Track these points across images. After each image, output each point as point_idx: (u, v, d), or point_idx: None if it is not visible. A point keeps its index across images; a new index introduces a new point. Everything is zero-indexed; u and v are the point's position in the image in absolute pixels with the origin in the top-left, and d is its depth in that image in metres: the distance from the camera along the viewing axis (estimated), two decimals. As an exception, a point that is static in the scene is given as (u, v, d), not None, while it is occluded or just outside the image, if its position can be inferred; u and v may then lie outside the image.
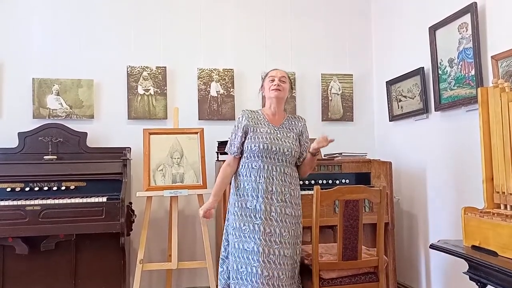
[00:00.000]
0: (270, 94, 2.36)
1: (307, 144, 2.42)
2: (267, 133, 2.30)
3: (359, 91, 3.89)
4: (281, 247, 2.19)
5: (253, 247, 2.17)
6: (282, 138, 2.31)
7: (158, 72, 3.51)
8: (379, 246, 2.37)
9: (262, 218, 2.19)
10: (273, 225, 2.20)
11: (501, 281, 1.65)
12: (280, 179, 2.25)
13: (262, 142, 2.25)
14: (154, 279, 3.42)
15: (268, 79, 2.39)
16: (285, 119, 2.43)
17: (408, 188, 3.38)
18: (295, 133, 2.38)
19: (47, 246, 2.85)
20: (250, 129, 2.31)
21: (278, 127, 2.36)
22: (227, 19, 3.70)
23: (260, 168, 2.25)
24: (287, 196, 2.26)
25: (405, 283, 3.37)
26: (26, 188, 2.86)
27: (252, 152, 2.26)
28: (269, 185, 2.23)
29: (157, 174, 3.01)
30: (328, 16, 3.88)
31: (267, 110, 2.42)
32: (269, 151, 2.25)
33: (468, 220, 1.86)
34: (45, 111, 3.32)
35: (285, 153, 2.27)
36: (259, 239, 2.17)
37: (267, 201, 2.21)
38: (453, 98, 2.79)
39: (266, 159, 2.25)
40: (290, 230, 2.24)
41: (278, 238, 2.19)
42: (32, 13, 3.39)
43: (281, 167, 2.27)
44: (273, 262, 2.16)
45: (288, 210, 2.25)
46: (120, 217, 2.75)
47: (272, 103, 2.38)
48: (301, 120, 2.46)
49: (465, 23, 2.64)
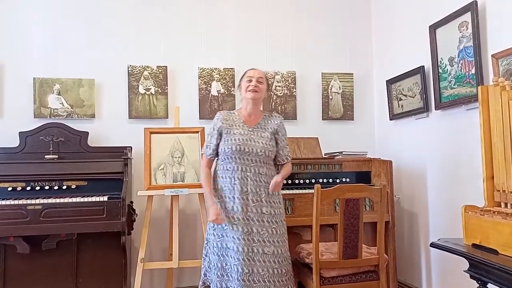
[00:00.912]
0: (247, 95, 2.37)
1: (285, 142, 2.45)
2: (240, 134, 2.33)
3: (359, 90, 3.90)
4: (260, 245, 2.24)
5: (233, 246, 2.24)
6: (255, 138, 2.33)
7: (159, 72, 3.51)
8: (379, 244, 2.38)
9: (240, 218, 2.26)
10: (250, 224, 2.26)
11: (502, 279, 1.65)
12: (254, 180, 2.28)
13: (234, 144, 2.28)
14: (155, 278, 3.42)
15: (246, 79, 2.39)
16: (261, 118, 2.43)
17: (408, 186, 3.38)
18: (270, 132, 2.39)
19: (48, 245, 2.85)
20: (224, 131, 2.34)
21: (253, 128, 2.38)
22: (227, 19, 3.71)
23: (234, 169, 2.29)
24: (263, 196, 2.29)
25: (405, 281, 3.38)
26: (27, 187, 2.86)
27: (226, 154, 2.30)
28: (243, 186, 2.27)
29: (158, 173, 3.02)
30: (329, 15, 3.89)
31: (243, 111, 2.44)
32: (242, 152, 2.28)
33: (469, 218, 1.87)
34: (46, 110, 3.32)
35: (258, 154, 2.29)
36: (239, 239, 2.24)
37: (243, 202, 2.27)
38: (453, 97, 2.79)
39: (240, 160, 2.29)
40: (269, 229, 2.28)
41: (256, 236, 2.25)
42: (33, 13, 3.39)
43: (255, 167, 2.30)
44: (252, 260, 2.23)
45: (265, 209, 2.29)
46: (121, 216, 2.75)
47: (248, 103, 2.40)
48: (277, 118, 2.47)
49: (466, 22, 2.64)
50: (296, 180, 3.08)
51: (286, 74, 3.73)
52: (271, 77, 3.70)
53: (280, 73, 3.72)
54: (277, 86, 3.71)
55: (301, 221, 2.86)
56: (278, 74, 3.72)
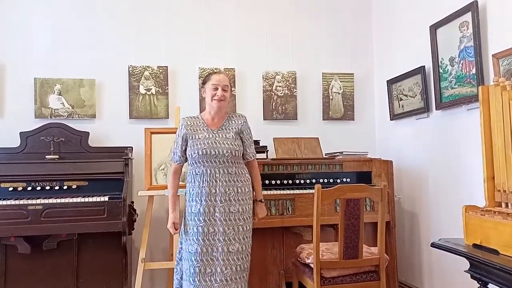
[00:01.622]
0: (213, 104, 2.40)
1: (250, 140, 2.50)
2: (205, 138, 2.37)
3: (360, 90, 3.90)
4: (225, 244, 2.29)
5: (196, 248, 2.28)
6: (220, 140, 2.37)
7: (160, 72, 3.52)
8: (380, 244, 2.38)
9: (205, 219, 2.30)
10: (216, 225, 2.30)
11: (503, 280, 1.65)
12: (224, 180, 2.33)
13: (200, 148, 2.33)
14: (156, 278, 3.42)
15: (211, 86, 2.40)
16: (225, 120, 2.47)
17: (409, 186, 3.38)
18: (234, 132, 2.43)
19: (49, 245, 2.86)
20: (190, 137, 2.39)
21: (217, 130, 2.42)
22: (228, 19, 3.71)
23: (203, 173, 2.33)
24: (232, 195, 2.33)
25: (406, 281, 3.37)
26: (28, 187, 2.87)
27: (193, 159, 2.35)
28: (212, 188, 2.31)
29: (159, 173, 3.02)
30: (329, 15, 3.89)
31: (207, 115, 2.47)
32: (209, 156, 2.32)
33: (469, 218, 1.87)
34: (47, 110, 3.32)
35: (225, 155, 2.33)
36: (202, 240, 2.28)
37: (210, 203, 2.31)
38: (454, 97, 2.79)
39: (208, 163, 2.33)
40: (235, 227, 2.32)
41: (222, 236, 2.29)
42: (34, 13, 3.39)
43: (223, 168, 2.34)
44: (216, 259, 2.28)
45: (233, 208, 2.33)
46: (122, 216, 2.76)
47: (212, 109, 2.43)
48: (240, 118, 2.50)
49: (466, 22, 2.64)
50: (297, 180, 3.09)
51: (286, 74, 3.73)
52: (271, 77, 3.70)
53: (281, 73, 3.72)
54: (277, 86, 3.72)
55: (302, 221, 2.87)
56: (278, 74, 3.72)
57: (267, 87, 3.70)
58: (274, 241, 3.01)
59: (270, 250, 3.01)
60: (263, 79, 3.70)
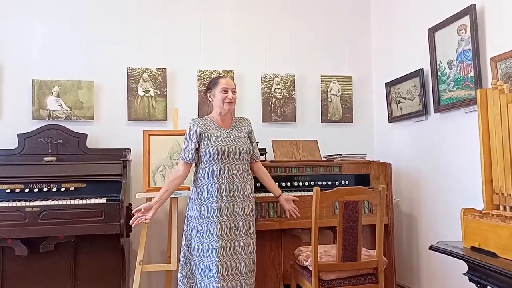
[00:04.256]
0: (224, 107, 2.46)
1: (255, 141, 2.61)
2: (221, 136, 2.43)
3: (358, 92, 3.90)
4: (245, 238, 2.37)
5: (220, 244, 2.30)
6: (235, 139, 2.45)
7: (158, 74, 3.52)
8: (378, 247, 2.37)
9: (228, 215, 2.35)
10: (236, 220, 2.37)
11: (501, 283, 1.65)
12: (240, 177, 2.41)
13: (219, 145, 2.37)
14: (154, 281, 3.41)
15: (221, 89, 2.45)
16: (233, 121, 2.57)
17: (407, 189, 3.38)
18: (245, 132, 2.54)
19: (47, 248, 2.84)
20: (204, 135, 2.42)
21: (229, 130, 2.50)
22: (227, 21, 3.71)
23: (221, 169, 2.37)
24: (245, 191, 2.42)
25: (404, 284, 3.37)
26: (26, 189, 2.85)
27: (211, 156, 2.37)
28: (231, 184, 2.37)
29: (157, 175, 3.01)
30: (328, 17, 3.90)
31: (216, 116, 2.52)
32: (226, 153, 2.38)
33: (468, 221, 1.87)
34: (45, 112, 3.32)
35: (241, 152, 2.42)
36: (226, 235, 2.33)
37: (231, 199, 2.37)
38: (452, 100, 2.80)
39: (226, 160, 2.38)
40: (247, 222, 2.41)
41: (242, 230, 2.37)
42: (33, 15, 3.39)
43: (239, 165, 2.42)
44: (239, 253, 2.34)
45: (246, 203, 2.41)
46: (120, 218, 2.75)
47: (223, 111, 2.48)
48: (247, 121, 2.62)
49: (464, 25, 2.64)
50: (295, 182, 3.09)
51: (285, 77, 3.73)
52: (270, 79, 3.70)
53: (279, 76, 3.72)
54: (276, 89, 3.72)
55: (300, 223, 2.86)
56: (277, 76, 3.72)
57: (265, 90, 3.70)
58: (272, 244, 3.01)
59: (268, 253, 3.00)
60: (262, 82, 3.70)
